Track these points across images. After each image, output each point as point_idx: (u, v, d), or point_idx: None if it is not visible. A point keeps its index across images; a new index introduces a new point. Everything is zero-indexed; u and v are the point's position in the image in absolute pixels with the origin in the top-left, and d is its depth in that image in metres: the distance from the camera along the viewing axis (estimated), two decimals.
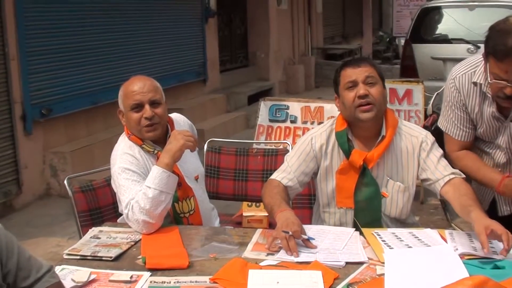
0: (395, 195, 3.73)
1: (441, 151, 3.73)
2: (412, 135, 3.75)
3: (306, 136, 3.89)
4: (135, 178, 3.74)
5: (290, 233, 3.22)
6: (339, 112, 3.83)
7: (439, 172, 3.64)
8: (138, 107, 3.81)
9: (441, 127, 3.85)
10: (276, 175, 3.82)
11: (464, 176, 3.64)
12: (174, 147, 3.71)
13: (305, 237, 3.28)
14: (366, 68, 3.69)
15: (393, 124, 3.73)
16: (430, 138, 3.75)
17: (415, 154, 3.72)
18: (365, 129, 3.72)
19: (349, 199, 3.76)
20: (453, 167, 3.70)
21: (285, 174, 3.79)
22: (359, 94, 3.62)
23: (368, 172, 3.71)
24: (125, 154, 3.83)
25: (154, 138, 3.88)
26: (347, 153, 3.72)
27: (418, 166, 3.71)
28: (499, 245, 3.17)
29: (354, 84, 3.66)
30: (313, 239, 3.31)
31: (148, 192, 3.59)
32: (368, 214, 3.71)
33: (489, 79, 3.36)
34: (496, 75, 3.30)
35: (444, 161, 3.68)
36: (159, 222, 3.62)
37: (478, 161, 3.73)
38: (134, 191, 3.67)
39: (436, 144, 3.74)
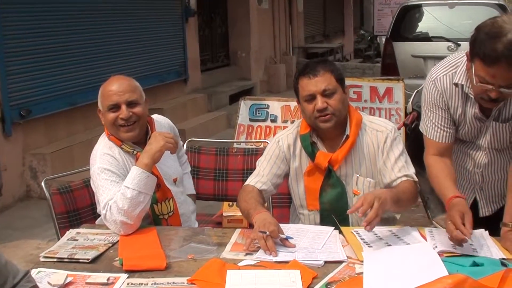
0: (367, 191, 3.72)
1: (401, 148, 3.73)
2: (377, 130, 3.76)
3: (273, 140, 3.93)
4: (114, 178, 3.71)
5: (268, 233, 3.22)
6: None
7: (394, 173, 3.67)
8: (115, 107, 3.79)
9: (421, 130, 3.80)
10: (249, 180, 3.85)
11: (415, 179, 3.66)
12: (154, 148, 3.70)
13: (283, 236, 3.28)
14: (323, 78, 3.65)
15: (357, 122, 3.74)
16: (393, 133, 3.75)
17: (380, 149, 3.73)
18: (328, 131, 3.73)
19: (316, 201, 3.77)
20: None
21: (259, 178, 3.82)
22: (317, 108, 3.62)
23: (334, 174, 3.72)
24: (104, 155, 3.80)
25: (133, 138, 3.85)
26: (312, 155, 3.74)
27: None
28: (480, 241, 3.21)
29: (312, 97, 3.65)
30: (292, 238, 3.30)
31: (127, 192, 3.57)
32: (334, 215, 3.66)
33: (474, 81, 3.29)
34: (482, 78, 3.22)
35: (401, 161, 3.69)
36: (137, 223, 3.60)
37: (442, 172, 3.61)
38: (112, 192, 3.65)
39: (398, 139, 3.75)
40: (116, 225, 3.56)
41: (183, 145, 4.58)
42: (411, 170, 3.68)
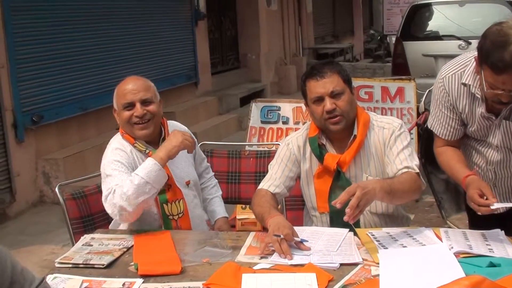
0: None
1: (405, 142, 3.71)
2: (384, 127, 3.76)
3: (283, 143, 3.95)
4: (123, 170, 3.77)
5: (282, 236, 3.21)
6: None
7: (396, 166, 3.66)
8: (130, 106, 3.86)
9: (429, 126, 3.85)
10: (262, 185, 3.86)
11: (417, 171, 3.64)
12: (172, 143, 3.77)
13: (298, 239, 3.27)
14: (330, 79, 3.66)
15: (364, 122, 3.74)
16: (399, 129, 3.74)
17: (385, 145, 3.73)
18: (337, 133, 3.73)
19: (326, 203, 3.77)
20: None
21: (272, 182, 3.84)
22: (326, 109, 3.63)
23: (343, 175, 3.72)
24: (116, 149, 3.88)
25: (147, 137, 3.91)
26: (320, 158, 3.74)
27: None
28: (496, 241, 3.20)
29: (320, 99, 3.65)
30: (306, 241, 3.29)
31: (135, 179, 3.62)
32: (342, 218, 3.61)
33: (484, 88, 3.32)
34: (492, 84, 3.25)
35: (403, 154, 3.67)
36: (135, 214, 3.65)
37: (452, 157, 3.71)
38: (119, 179, 3.70)
39: (404, 135, 3.74)
40: (114, 209, 3.62)
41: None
42: (414, 162, 3.66)
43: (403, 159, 3.66)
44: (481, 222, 3.55)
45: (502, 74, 3.16)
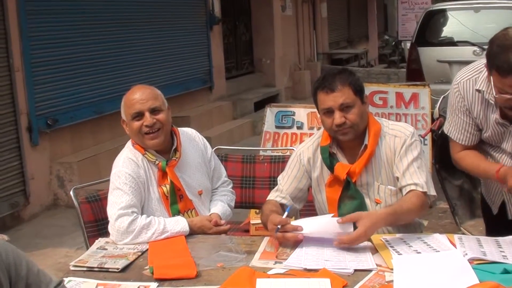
0: (388, 199, 3.70)
1: (415, 153, 3.66)
2: (396, 136, 3.72)
3: (294, 153, 3.95)
4: (133, 185, 3.79)
5: (279, 227, 3.35)
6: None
7: (405, 180, 3.63)
8: (139, 115, 3.84)
9: (445, 131, 3.84)
10: (270, 195, 3.91)
11: (424, 190, 3.61)
12: (200, 229, 3.83)
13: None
14: (341, 93, 3.59)
15: (375, 132, 3.71)
16: (410, 138, 3.70)
17: (396, 154, 3.69)
18: (347, 142, 3.72)
19: (336, 212, 3.75)
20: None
21: (278, 193, 3.87)
22: (335, 123, 3.59)
23: (352, 185, 3.71)
24: (129, 159, 3.88)
25: (158, 146, 3.90)
26: (331, 167, 3.73)
27: None
28: (510, 248, 3.20)
29: (330, 111, 3.62)
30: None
31: (156, 235, 3.67)
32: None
33: (494, 93, 3.35)
34: (500, 89, 3.28)
35: (413, 167, 3.64)
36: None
37: (477, 158, 3.73)
38: (129, 198, 3.75)
39: (415, 144, 3.70)
40: (113, 234, 3.69)
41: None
42: (421, 179, 3.62)
43: (413, 172, 3.63)
44: (497, 228, 3.55)
45: (508, 76, 3.19)
